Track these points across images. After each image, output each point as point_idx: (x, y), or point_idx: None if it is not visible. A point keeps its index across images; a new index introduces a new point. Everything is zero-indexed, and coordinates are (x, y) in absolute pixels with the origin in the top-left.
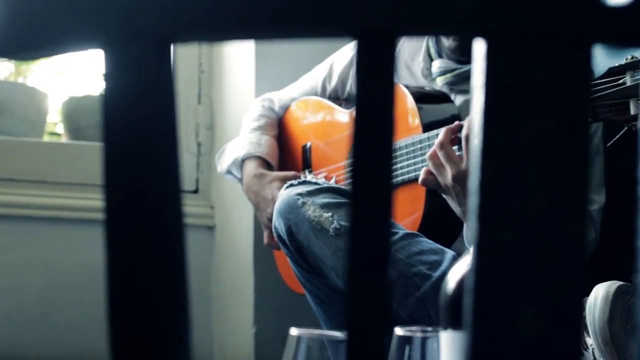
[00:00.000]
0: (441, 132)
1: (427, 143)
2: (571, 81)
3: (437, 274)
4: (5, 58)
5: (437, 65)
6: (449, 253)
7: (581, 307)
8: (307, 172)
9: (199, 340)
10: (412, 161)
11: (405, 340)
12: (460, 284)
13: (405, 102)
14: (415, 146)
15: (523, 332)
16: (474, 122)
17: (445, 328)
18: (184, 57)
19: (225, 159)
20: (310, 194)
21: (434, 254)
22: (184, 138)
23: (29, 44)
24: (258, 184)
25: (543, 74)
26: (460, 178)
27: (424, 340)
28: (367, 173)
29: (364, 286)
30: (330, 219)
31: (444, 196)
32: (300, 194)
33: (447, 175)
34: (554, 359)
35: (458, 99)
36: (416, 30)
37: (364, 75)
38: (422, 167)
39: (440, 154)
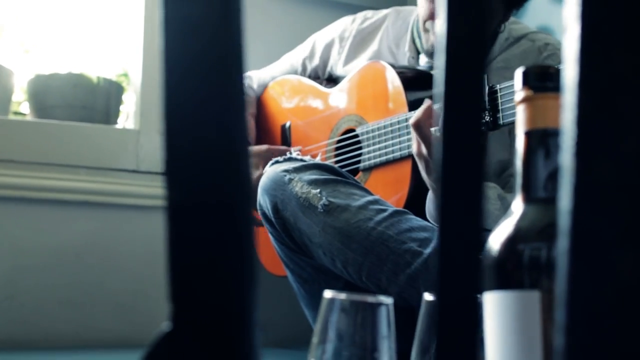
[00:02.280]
0: (426, 108)
1: None
2: None
3: (428, 250)
4: None
5: (424, 60)
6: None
7: None
8: (292, 149)
9: None
10: (397, 140)
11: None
12: (505, 245)
13: (392, 81)
14: (400, 124)
15: (622, 277)
16: (569, 55)
17: (489, 290)
18: (155, 36)
19: None
20: (297, 170)
21: (424, 231)
22: (155, 119)
23: None
24: None
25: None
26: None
27: None
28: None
29: (454, 252)
30: (319, 195)
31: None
32: (286, 171)
33: (423, 150)
34: None
35: None
36: None
37: None
38: (409, 145)
39: (416, 132)
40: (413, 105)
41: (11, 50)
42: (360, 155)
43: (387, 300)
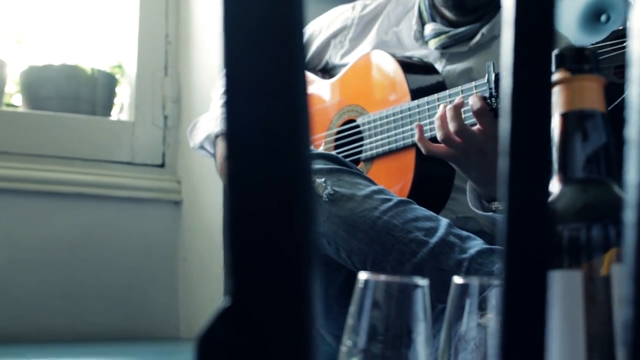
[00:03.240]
0: (449, 116)
1: (416, 110)
2: None
3: (434, 240)
4: None
5: (430, 27)
6: (444, 220)
7: None
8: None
9: (164, 317)
10: (400, 130)
11: (464, 289)
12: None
13: (394, 70)
14: (404, 114)
15: None
16: (634, 30)
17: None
18: (150, 27)
19: (198, 133)
20: None
21: (429, 221)
22: (150, 111)
23: None
24: None
25: None
26: (484, 149)
27: (482, 289)
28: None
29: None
30: (324, 184)
31: (453, 164)
32: None
33: (473, 151)
34: None
35: (447, 67)
36: None
37: None
38: (412, 134)
39: (455, 131)
40: (416, 95)
41: (3, 41)
42: (361, 145)
43: (423, 281)
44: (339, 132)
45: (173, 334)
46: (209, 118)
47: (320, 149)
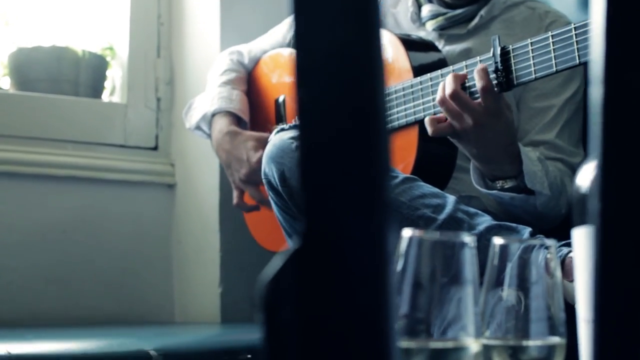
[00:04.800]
0: (448, 81)
1: (419, 87)
2: None
3: (442, 217)
4: None
5: (427, 9)
6: (451, 197)
7: None
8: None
9: (159, 301)
10: (403, 107)
11: (505, 249)
12: (592, 183)
13: (395, 48)
14: (406, 91)
15: None
16: None
17: (578, 225)
18: (142, 7)
19: (194, 114)
20: None
21: (436, 198)
22: (142, 93)
23: None
24: (230, 142)
25: None
26: (480, 122)
27: (526, 249)
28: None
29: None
30: None
31: (455, 141)
32: (294, 138)
33: (467, 121)
34: None
35: (446, 48)
36: None
37: None
38: (415, 112)
39: (455, 103)
40: (418, 72)
41: None
42: None
43: (471, 238)
44: None
45: (168, 318)
46: (204, 99)
47: None
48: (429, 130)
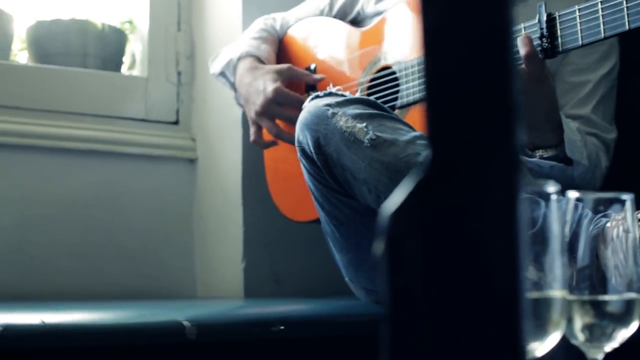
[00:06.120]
0: (520, 44)
1: None
2: None
3: None
4: None
5: None
6: None
7: None
8: (330, 85)
9: (181, 277)
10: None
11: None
12: None
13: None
14: None
15: None
16: None
17: None
18: None
19: (219, 61)
20: (339, 104)
21: None
22: (163, 67)
23: None
24: (251, 75)
25: None
26: (524, 89)
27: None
28: None
29: None
30: (365, 129)
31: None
32: (329, 105)
33: (547, 84)
34: None
35: None
36: None
37: None
38: None
39: (533, 66)
40: None
41: None
42: (396, 92)
43: (555, 189)
44: (372, 80)
45: (189, 294)
46: (231, 48)
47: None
48: None
